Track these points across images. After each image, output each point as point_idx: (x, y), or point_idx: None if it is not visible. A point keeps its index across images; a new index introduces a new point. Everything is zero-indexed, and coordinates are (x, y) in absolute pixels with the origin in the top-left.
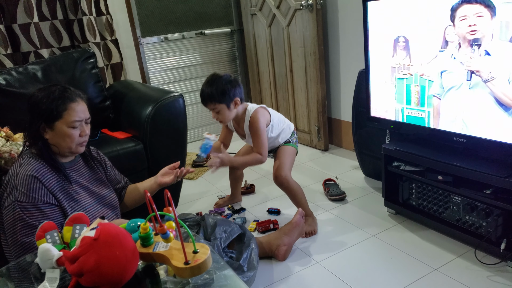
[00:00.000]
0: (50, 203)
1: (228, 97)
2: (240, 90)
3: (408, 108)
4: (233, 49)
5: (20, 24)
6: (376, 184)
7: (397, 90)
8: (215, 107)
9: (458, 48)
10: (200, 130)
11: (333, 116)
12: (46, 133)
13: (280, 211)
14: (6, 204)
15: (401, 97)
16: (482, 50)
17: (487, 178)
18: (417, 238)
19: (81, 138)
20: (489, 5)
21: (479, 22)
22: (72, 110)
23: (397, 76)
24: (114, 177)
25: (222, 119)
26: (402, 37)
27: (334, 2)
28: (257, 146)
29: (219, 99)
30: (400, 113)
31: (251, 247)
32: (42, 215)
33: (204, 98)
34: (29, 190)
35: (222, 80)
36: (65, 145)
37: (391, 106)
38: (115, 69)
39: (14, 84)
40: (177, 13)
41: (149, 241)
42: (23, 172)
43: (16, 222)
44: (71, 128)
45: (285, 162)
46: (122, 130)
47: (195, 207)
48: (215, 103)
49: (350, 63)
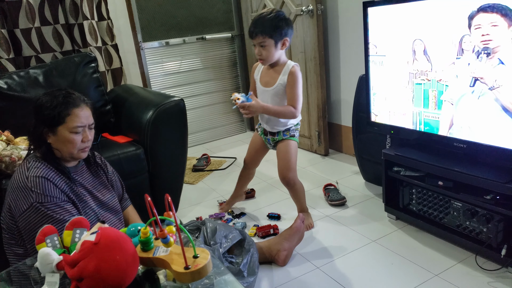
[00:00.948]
0: (66, 200)
1: (279, 33)
2: (291, 32)
3: (425, 111)
4: (234, 54)
5: (22, 29)
6: (376, 189)
7: (415, 95)
8: (263, 41)
9: (476, 57)
10: (201, 134)
11: (334, 121)
12: (49, 137)
13: (281, 216)
14: (24, 208)
15: (419, 101)
16: (495, 59)
17: (488, 184)
18: (417, 244)
19: (83, 143)
20: (506, 14)
21: (493, 32)
22: (75, 116)
23: (415, 81)
24: (115, 184)
25: (265, 56)
26: (420, 40)
27: (334, 8)
28: (293, 99)
29: (270, 33)
30: (417, 116)
31: (251, 252)
32: (65, 211)
33: (254, 28)
34: (45, 190)
35: (277, 15)
36: (67, 150)
37: (409, 109)
38: (115, 74)
39: (15, 88)
40: (178, 18)
41: (149, 246)
42: (33, 174)
43: (44, 220)
44: (73, 134)
45: (292, 161)
46: (123, 134)
47: (195, 212)
48: (264, 36)
49: (350, 68)
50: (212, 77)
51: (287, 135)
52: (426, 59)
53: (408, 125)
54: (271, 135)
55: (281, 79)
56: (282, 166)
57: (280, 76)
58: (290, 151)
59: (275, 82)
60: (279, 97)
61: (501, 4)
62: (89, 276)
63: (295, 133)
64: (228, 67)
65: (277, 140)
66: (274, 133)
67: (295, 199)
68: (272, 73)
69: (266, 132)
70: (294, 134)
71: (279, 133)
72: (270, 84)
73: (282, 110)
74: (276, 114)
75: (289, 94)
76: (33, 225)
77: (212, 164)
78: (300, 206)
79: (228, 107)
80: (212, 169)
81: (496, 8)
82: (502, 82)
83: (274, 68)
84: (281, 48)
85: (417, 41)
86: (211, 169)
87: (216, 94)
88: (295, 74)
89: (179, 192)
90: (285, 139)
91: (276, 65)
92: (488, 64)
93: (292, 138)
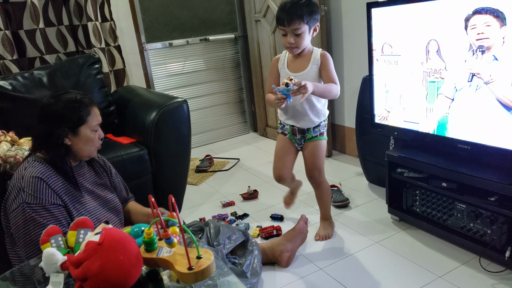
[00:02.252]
0: (57, 204)
1: (314, 19)
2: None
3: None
4: (237, 55)
5: (26, 30)
6: (379, 190)
7: (429, 93)
8: (299, 27)
9: (472, 54)
10: (204, 135)
11: (337, 122)
12: (70, 139)
13: (284, 217)
14: (14, 206)
15: (432, 98)
16: (490, 55)
17: (492, 185)
18: (421, 245)
19: (99, 141)
20: (498, 16)
21: (487, 31)
22: (94, 115)
23: (429, 79)
24: (118, 185)
25: (299, 44)
26: (434, 41)
27: (338, 9)
28: (332, 78)
29: (306, 18)
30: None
31: (254, 253)
32: (51, 216)
33: (288, 14)
34: (36, 191)
35: (311, 1)
36: (87, 149)
37: (422, 106)
38: (118, 75)
39: (19, 89)
40: (181, 19)
41: (153, 246)
42: (28, 174)
43: (28, 223)
44: (94, 132)
45: (321, 161)
46: (126, 135)
47: (198, 213)
48: (301, 22)
49: (354, 69)
50: (215, 78)
51: (317, 132)
52: (439, 58)
53: (423, 121)
54: (300, 133)
55: (313, 63)
56: (310, 166)
57: (310, 61)
58: (319, 151)
59: (306, 66)
60: (314, 80)
61: (493, 7)
62: (93, 276)
63: (324, 131)
64: (231, 68)
65: (308, 138)
66: (303, 130)
67: (319, 202)
68: (300, 61)
69: (294, 131)
70: (323, 132)
71: (309, 130)
72: (299, 69)
73: (328, 87)
74: (324, 92)
75: (326, 75)
76: (18, 226)
77: (215, 165)
78: (324, 212)
79: (231, 108)
80: (215, 170)
81: (489, 11)
82: (496, 77)
83: (301, 56)
84: (312, 35)
85: (432, 42)
86: (214, 170)
87: (219, 95)
88: (327, 56)
89: (182, 193)
90: (314, 138)
91: (302, 53)
92: (483, 60)
93: (322, 138)
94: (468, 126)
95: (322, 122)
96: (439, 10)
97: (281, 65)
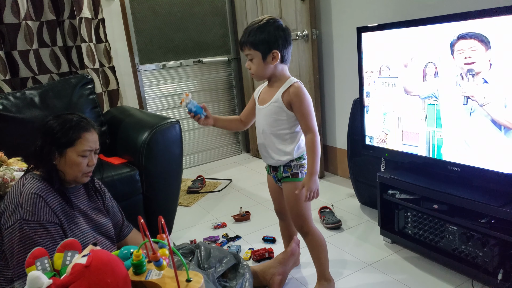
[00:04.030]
0: (54, 222)
1: (266, 44)
2: (286, 44)
3: (438, 131)
4: (230, 77)
5: (20, 50)
6: (372, 212)
7: (428, 115)
8: (249, 53)
9: (461, 78)
10: (196, 156)
11: (329, 144)
12: (56, 159)
13: (276, 239)
14: (10, 223)
15: (432, 121)
16: (480, 78)
17: (482, 207)
18: (413, 268)
19: (88, 167)
20: (482, 40)
21: (474, 55)
22: (85, 140)
23: (428, 102)
24: (112, 209)
25: (254, 70)
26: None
27: (329, 33)
28: (306, 124)
29: (254, 44)
30: (430, 135)
31: (245, 276)
32: (48, 234)
33: (243, 39)
34: (35, 208)
35: (267, 23)
36: (72, 173)
37: (422, 129)
38: (112, 95)
39: (10, 109)
40: (175, 41)
41: (141, 269)
42: (27, 190)
43: (24, 240)
44: (81, 157)
45: (300, 207)
46: (118, 156)
47: (189, 235)
48: (250, 47)
49: (344, 92)
50: (208, 99)
51: (288, 172)
52: (436, 81)
53: (422, 144)
54: (273, 171)
55: (277, 96)
56: (289, 211)
57: (278, 93)
58: (295, 196)
59: (273, 98)
60: (272, 117)
61: (476, 33)
62: None
63: (298, 171)
64: (224, 90)
65: (279, 178)
66: (275, 167)
67: (312, 256)
68: (271, 90)
69: (270, 168)
70: (297, 173)
71: (279, 169)
72: (265, 101)
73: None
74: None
75: (299, 119)
76: (13, 243)
77: (207, 186)
78: (318, 269)
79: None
80: (207, 191)
81: (473, 36)
82: (490, 98)
83: (273, 84)
84: (271, 62)
85: (430, 64)
86: (206, 191)
87: None
88: (299, 93)
89: (173, 214)
90: (286, 179)
91: (275, 82)
92: (473, 83)
93: (294, 179)
94: (463, 149)
95: (294, 162)
96: (428, 35)
97: (256, 94)
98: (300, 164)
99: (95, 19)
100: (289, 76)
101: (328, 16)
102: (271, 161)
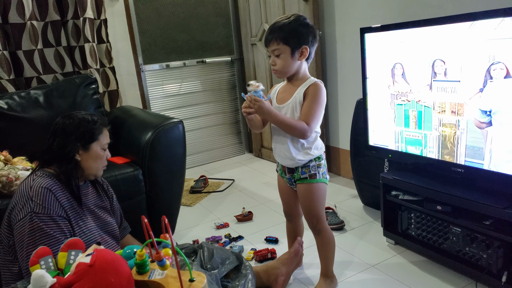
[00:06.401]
0: (63, 216)
1: (297, 40)
2: (314, 41)
3: (406, 131)
4: (233, 77)
5: (25, 50)
6: (375, 213)
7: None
8: (277, 48)
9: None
10: (199, 156)
11: (332, 144)
12: (80, 155)
13: (278, 240)
14: (21, 216)
15: (400, 121)
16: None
17: (486, 209)
18: (417, 270)
19: (105, 161)
20: None
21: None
22: (105, 134)
23: (396, 102)
24: (116, 212)
25: (280, 66)
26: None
27: (332, 34)
28: (307, 114)
29: (285, 38)
30: (399, 136)
31: (248, 277)
32: (57, 227)
33: (269, 34)
34: (45, 201)
35: (297, 19)
36: (95, 167)
37: (391, 129)
38: (112, 96)
39: (15, 109)
40: (179, 42)
41: (145, 268)
42: (37, 184)
43: (35, 232)
44: (103, 150)
45: (317, 208)
46: (121, 156)
47: (192, 234)
48: (279, 42)
49: (348, 92)
50: (211, 99)
51: (306, 174)
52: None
53: (391, 144)
54: (289, 173)
55: (298, 93)
56: (304, 211)
57: (297, 89)
58: (313, 195)
59: (293, 95)
60: (293, 115)
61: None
62: None
63: (317, 172)
64: (227, 90)
65: (297, 179)
66: (292, 169)
67: (319, 253)
68: (290, 88)
69: (285, 169)
70: (314, 174)
71: (297, 170)
72: (285, 100)
73: (291, 123)
74: (284, 125)
75: (304, 107)
76: (23, 235)
77: (210, 186)
78: (324, 266)
79: (227, 129)
80: (210, 191)
81: None
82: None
83: (294, 83)
84: (299, 59)
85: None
86: (209, 191)
87: (215, 116)
88: (316, 86)
89: (176, 214)
90: (304, 180)
91: (296, 80)
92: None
93: (313, 181)
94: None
95: (313, 162)
96: (432, 35)
97: (273, 93)
98: (319, 164)
99: (97, 20)
100: (310, 76)
101: (331, 16)
102: (289, 162)
